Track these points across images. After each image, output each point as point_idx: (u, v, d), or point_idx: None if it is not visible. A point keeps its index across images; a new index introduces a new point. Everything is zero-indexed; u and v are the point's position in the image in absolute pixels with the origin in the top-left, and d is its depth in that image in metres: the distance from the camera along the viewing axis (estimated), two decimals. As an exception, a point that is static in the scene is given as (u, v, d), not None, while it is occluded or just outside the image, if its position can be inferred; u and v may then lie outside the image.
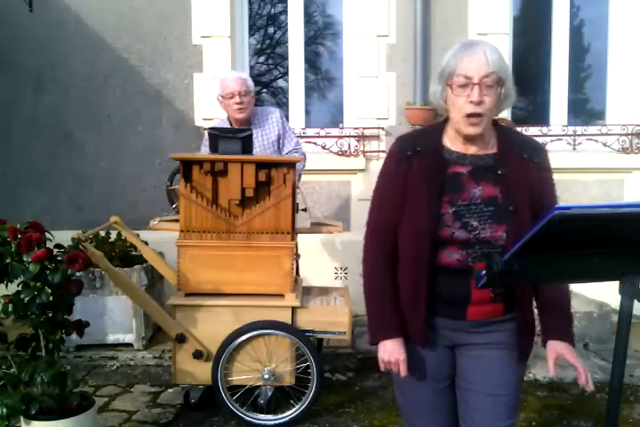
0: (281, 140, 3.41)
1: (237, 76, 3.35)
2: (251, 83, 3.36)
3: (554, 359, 1.54)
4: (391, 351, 1.60)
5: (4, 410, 2.21)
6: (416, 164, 1.57)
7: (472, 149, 1.58)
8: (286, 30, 4.87)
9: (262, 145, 3.39)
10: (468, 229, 1.52)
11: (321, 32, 5.11)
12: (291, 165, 2.88)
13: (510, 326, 1.61)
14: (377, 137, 4.57)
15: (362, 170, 4.58)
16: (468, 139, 1.57)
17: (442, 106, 1.57)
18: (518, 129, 4.48)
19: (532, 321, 1.64)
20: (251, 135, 2.94)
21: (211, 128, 3.07)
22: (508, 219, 1.52)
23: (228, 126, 3.40)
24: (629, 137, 4.55)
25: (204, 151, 3.31)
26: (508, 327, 1.61)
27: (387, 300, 1.63)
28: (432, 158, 1.57)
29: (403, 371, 1.59)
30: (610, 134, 4.58)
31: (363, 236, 1.71)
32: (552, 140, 4.58)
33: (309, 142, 4.53)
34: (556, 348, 1.55)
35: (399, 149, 1.62)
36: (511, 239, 1.49)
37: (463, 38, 4.40)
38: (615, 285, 1.25)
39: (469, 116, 1.49)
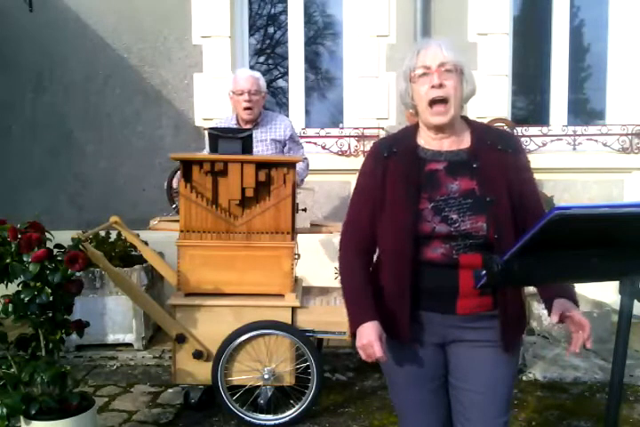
0: (286, 147, 3.42)
1: (250, 74, 3.38)
2: (263, 83, 3.39)
3: (559, 311, 1.48)
4: (366, 334, 1.57)
5: (4, 410, 2.21)
6: (393, 164, 1.62)
7: (446, 146, 1.63)
8: (286, 30, 4.87)
9: (259, 142, 3.33)
10: (449, 223, 1.55)
11: (321, 32, 5.11)
12: (291, 164, 2.88)
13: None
14: (377, 137, 4.56)
15: (362, 170, 4.57)
16: (439, 130, 1.61)
17: (409, 103, 1.64)
18: (518, 129, 4.51)
19: (517, 315, 1.64)
20: (251, 135, 2.94)
21: (211, 128, 3.07)
22: (487, 209, 1.54)
23: (235, 123, 3.43)
24: (629, 137, 4.54)
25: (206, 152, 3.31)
26: (498, 324, 1.61)
27: (360, 290, 1.65)
28: (408, 158, 1.62)
29: (378, 351, 1.54)
30: (610, 134, 4.58)
31: None
32: (552, 141, 4.58)
33: (309, 142, 4.53)
34: (561, 303, 1.50)
35: (377, 150, 1.68)
36: (492, 229, 1.53)
37: (463, 38, 4.47)
38: (615, 285, 1.25)
39: (434, 102, 1.55)
